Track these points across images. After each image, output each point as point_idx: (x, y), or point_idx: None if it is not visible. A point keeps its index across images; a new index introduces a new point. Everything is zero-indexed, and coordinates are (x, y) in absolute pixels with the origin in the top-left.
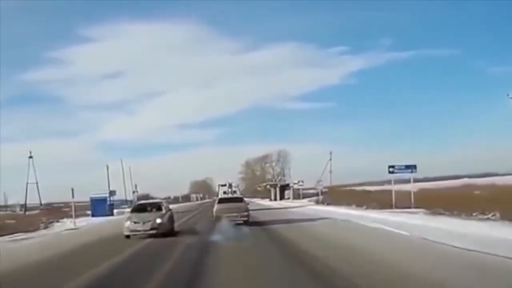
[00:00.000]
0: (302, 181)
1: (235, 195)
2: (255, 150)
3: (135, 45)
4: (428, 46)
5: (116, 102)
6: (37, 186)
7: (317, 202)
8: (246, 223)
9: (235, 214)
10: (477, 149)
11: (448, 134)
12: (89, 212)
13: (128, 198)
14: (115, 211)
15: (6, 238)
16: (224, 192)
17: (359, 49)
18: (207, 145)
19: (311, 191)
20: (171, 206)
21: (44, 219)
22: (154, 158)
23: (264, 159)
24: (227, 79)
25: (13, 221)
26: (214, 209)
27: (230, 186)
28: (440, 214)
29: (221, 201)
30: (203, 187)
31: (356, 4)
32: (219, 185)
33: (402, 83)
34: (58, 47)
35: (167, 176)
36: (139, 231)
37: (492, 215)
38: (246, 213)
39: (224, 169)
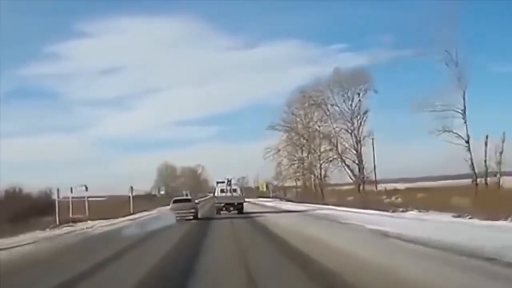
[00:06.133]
0: None
1: (188, 197)
2: (255, 148)
3: (133, 41)
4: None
5: (114, 98)
6: None
7: None
8: (195, 217)
9: (185, 211)
10: None
11: None
12: None
13: None
14: None
15: None
16: (222, 190)
17: (358, 46)
18: (205, 142)
19: None
20: None
21: None
22: (152, 155)
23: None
24: (226, 76)
25: None
26: (170, 207)
27: (230, 183)
28: None
29: (175, 201)
30: (192, 179)
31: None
32: (217, 182)
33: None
34: (55, 41)
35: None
36: None
37: None
38: (193, 210)
39: (223, 165)
